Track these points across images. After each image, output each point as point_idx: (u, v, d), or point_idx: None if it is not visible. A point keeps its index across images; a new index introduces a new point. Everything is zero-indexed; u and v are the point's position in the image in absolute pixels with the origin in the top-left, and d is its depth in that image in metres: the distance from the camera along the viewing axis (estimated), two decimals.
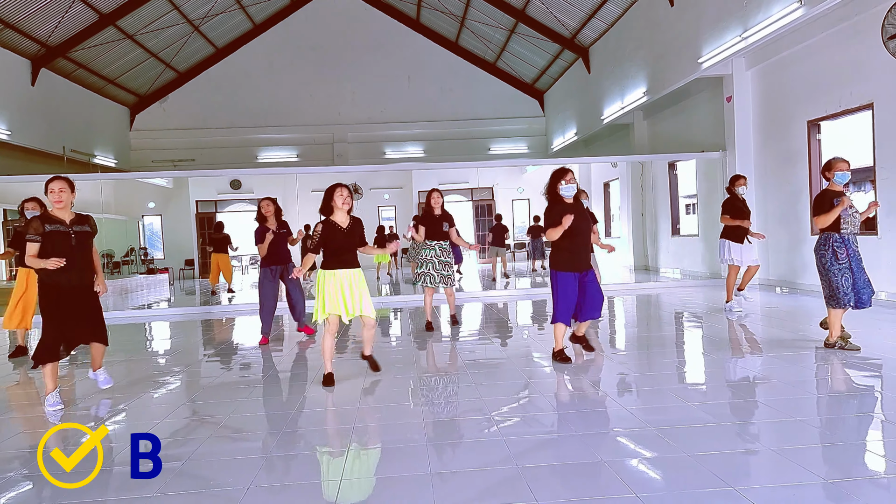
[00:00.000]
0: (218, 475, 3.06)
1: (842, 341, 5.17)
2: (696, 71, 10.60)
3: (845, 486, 2.62)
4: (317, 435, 3.73)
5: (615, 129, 15.82)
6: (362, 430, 3.68)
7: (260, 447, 3.42)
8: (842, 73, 8.52)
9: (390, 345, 6.68)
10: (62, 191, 4.28)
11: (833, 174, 5.21)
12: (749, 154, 10.74)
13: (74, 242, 4.30)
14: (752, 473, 2.87)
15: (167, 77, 19.02)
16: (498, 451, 3.19)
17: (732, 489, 2.61)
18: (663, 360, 5.35)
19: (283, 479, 2.99)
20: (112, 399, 4.60)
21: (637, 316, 8.19)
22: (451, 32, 19.25)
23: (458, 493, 2.75)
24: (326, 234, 4.67)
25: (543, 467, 2.99)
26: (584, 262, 4.99)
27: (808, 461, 2.89)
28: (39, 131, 14.65)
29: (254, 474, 3.01)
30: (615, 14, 13.51)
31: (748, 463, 2.98)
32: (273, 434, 3.65)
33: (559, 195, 4.96)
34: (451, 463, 3.09)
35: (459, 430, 3.63)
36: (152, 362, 6.35)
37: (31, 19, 13.22)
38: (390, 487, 2.86)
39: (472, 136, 20.18)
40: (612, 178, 16.78)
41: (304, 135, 19.94)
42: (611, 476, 2.81)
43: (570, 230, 4.83)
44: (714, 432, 3.35)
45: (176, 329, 8.60)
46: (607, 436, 3.41)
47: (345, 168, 17.68)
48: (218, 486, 2.93)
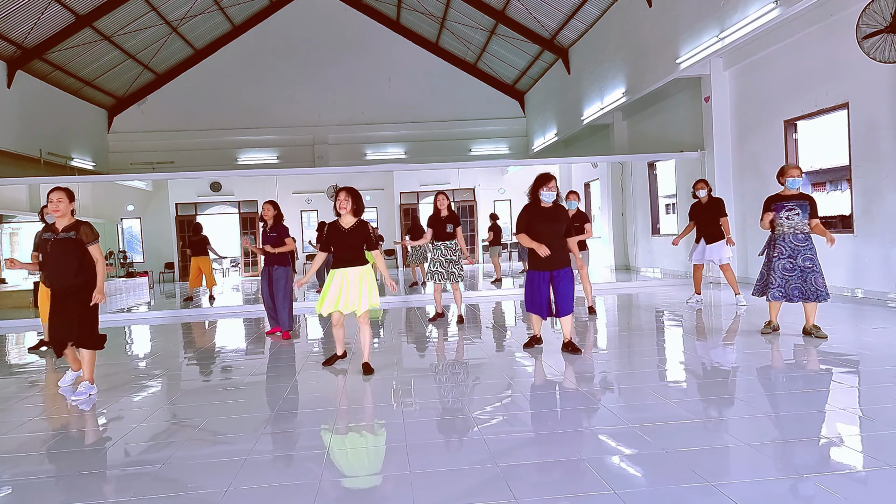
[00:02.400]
0: (197, 478, 3.03)
1: (767, 328, 5.81)
2: (675, 71, 10.72)
3: (821, 480, 2.66)
4: (297, 436, 3.71)
5: (595, 129, 15.95)
6: (343, 430, 3.67)
7: (238, 449, 3.39)
8: (818, 72, 8.66)
9: (377, 343, 6.67)
10: (59, 201, 4.62)
11: (785, 179, 5.68)
12: (727, 154, 10.88)
13: (50, 249, 4.59)
14: (731, 469, 2.90)
15: (146, 79, 18.82)
16: (479, 450, 3.20)
17: (710, 485, 2.64)
18: (642, 358, 5.40)
19: (263, 481, 2.96)
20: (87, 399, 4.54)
21: (617, 315, 8.26)
22: (431, 34, 19.28)
23: (439, 491, 2.75)
24: (330, 235, 5.13)
25: (523, 466, 3.00)
26: (556, 262, 5.22)
27: (783, 456, 2.94)
28: (16, 134, 14.41)
29: (233, 477, 2.98)
30: (594, 15, 13.62)
31: (726, 458, 3.02)
32: (252, 436, 3.62)
33: (538, 198, 5.28)
34: (431, 463, 3.09)
35: (441, 430, 3.63)
36: (129, 366, 6.27)
37: (6, 21, 13.01)
38: (371, 487, 2.84)
39: (453, 138, 20.23)
40: (593, 178, 16.91)
41: (284, 136, 19.85)
42: (590, 474, 2.82)
43: (540, 233, 5.21)
44: (691, 428, 3.39)
45: (155, 332, 8.50)
46: (585, 434, 3.43)
47: (325, 169, 17.65)
48: (197, 488, 2.90)
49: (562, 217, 5.30)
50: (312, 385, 4.89)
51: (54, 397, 4.85)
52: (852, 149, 8.19)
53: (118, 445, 3.60)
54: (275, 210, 6.97)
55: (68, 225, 4.64)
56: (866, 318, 6.63)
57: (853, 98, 8.09)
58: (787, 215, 5.59)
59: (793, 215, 5.57)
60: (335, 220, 5.20)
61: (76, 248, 4.59)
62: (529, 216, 5.30)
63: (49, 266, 4.65)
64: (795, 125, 9.48)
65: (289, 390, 4.72)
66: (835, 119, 8.73)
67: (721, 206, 7.98)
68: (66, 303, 4.57)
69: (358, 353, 5.51)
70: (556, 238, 5.25)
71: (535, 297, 5.31)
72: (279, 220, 6.98)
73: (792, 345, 5.39)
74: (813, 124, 9.39)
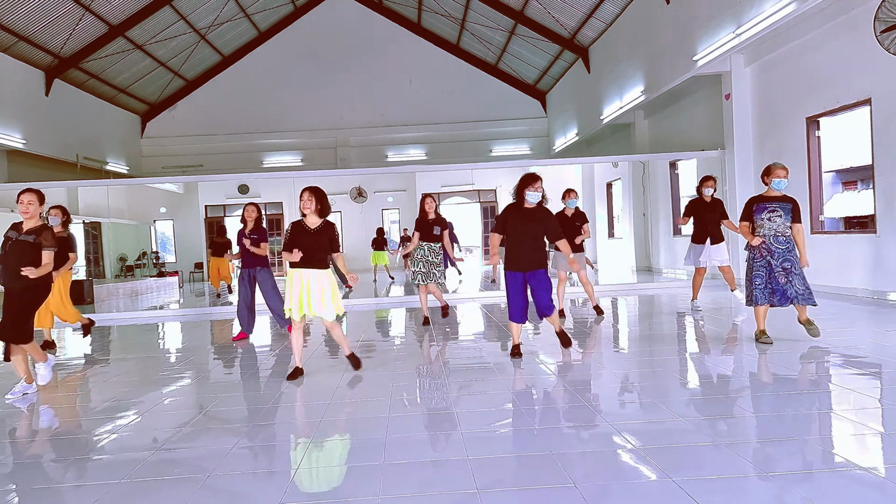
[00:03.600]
0: (201, 463, 3.21)
1: (760, 334, 5.47)
2: (692, 69, 10.63)
3: (799, 477, 2.70)
4: (285, 427, 3.88)
5: (617, 128, 15.86)
6: (330, 424, 3.80)
7: (234, 439, 3.56)
8: (840, 68, 8.48)
9: (391, 343, 6.83)
10: (30, 203, 4.72)
11: (770, 180, 5.47)
12: (748, 152, 10.74)
13: (8, 248, 4.67)
14: (700, 466, 2.95)
15: (176, 85, 19.38)
16: (456, 446, 3.30)
17: (671, 480, 2.69)
18: (642, 359, 5.42)
19: (252, 468, 3.13)
20: (115, 395, 4.79)
21: (631, 317, 8.25)
22: (451, 35, 19.41)
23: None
24: (294, 235, 4.92)
25: (494, 459, 3.08)
26: (528, 263, 5.15)
27: (757, 454, 2.98)
28: (54, 140, 15.01)
29: (226, 462, 3.17)
30: (613, 13, 13.57)
31: (697, 455, 3.06)
32: (246, 426, 3.80)
33: (523, 198, 5.17)
34: (409, 454, 3.20)
35: (425, 426, 3.74)
36: (148, 361, 6.53)
37: (43, 32, 13.58)
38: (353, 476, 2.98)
39: (475, 138, 20.31)
40: (614, 178, 16.81)
41: (307, 139, 20.20)
42: (557, 468, 2.89)
43: (513, 232, 5.16)
44: (692, 441, 3.43)
45: (186, 329, 8.82)
46: (559, 430, 3.49)
47: (348, 171, 17.92)
48: (199, 471, 3.08)
49: (541, 218, 5.16)
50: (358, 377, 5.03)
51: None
52: (875, 146, 8.03)
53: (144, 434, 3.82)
54: (257, 213, 6.99)
55: (33, 228, 4.70)
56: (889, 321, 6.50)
57: (875, 94, 7.92)
58: (769, 216, 5.39)
59: (775, 217, 5.37)
60: (300, 220, 5.01)
61: (32, 252, 4.63)
62: (507, 216, 5.20)
63: (5, 264, 4.65)
64: (818, 122, 9.32)
65: (285, 384, 4.88)
66: (857, 116, 8.56)
67: (724, 207, 7.74)
68: (8, 300, 4.65)
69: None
70: (530, 239, 5.15)
71: (513, 299, 5.21)
72: (259, 223, 7.00)
73: (799, 352, 5.33)
74: (837, 121, 9.21)
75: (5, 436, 3.88)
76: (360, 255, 19.36)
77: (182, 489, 2.86)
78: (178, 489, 2.86)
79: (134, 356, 6.77)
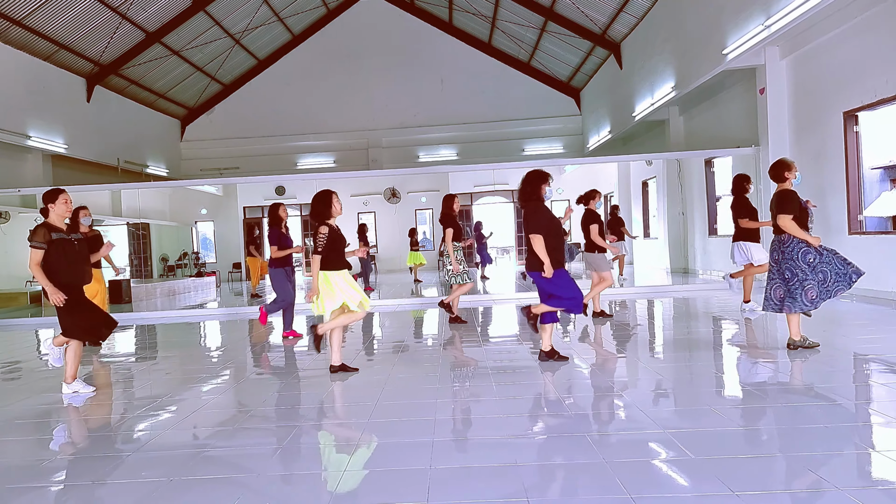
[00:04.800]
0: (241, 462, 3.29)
1: (804, 339, 5.17)
2: (722, 63, 10.16)
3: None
4: (328, 428, 3.94)
5: (651, 125, 15.37)
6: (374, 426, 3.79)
7: (274, 438, 3.63)
8: (878, 59, 7.95)
9: (422, 343, 6.84)
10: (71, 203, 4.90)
11: (794, 174, 5.25)
12: (784, 149, 10.17)
13: (71, 249, 4.79)
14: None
15: (213, 89, 19.86)
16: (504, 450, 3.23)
17: (629, 496, 2.50)
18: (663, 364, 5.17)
19: (289, 468, 3.19)
20: (159, 392, 4.94)
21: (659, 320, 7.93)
22: (483, 34, 19.22)
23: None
24: (334, 236, 5.07)
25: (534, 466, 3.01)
26: (529, 263, 5.08)
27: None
28: (95, 144, 15.60)
29: (266, 462, 3.23)
30: (644, 7, 13.13)
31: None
32: (288, 425, 3.87)
33: (542, 197, 5.02)
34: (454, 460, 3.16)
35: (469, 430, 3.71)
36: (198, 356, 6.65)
37: (83, 40, 14.11)
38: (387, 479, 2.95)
39: (506, 138, 20.05)
40: (650, 176, 16.29)
41: (340, 141, 20.38)
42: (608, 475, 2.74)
43: (552, 230, 4.98)
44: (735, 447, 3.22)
45: (224, 328, 9.08)
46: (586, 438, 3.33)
47: (381, 172, 17.97)
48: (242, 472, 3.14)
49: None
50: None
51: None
52: None
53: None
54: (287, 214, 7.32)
55: (71, 227, 5.04)
56: None
57: None
58: (811, 211, 5.28)
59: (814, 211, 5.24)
60: (330, 223, 5.16)
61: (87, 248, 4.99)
62: (547, 213, 5.02)
63: (77, 264, 4.83)
64: (856, 117, 8.75)
65: (331, 383, 4.85)
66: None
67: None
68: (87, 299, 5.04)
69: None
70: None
71: (564, 291, 5.04)
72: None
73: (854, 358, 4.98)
74: (882, 115, 8.61)
75: (51, 431, 4.08)
76: (395, 255, 19.47)
77: (220, 490, 2.91)
78: (217, 489, 2.92)
79: (174, 354, 6.97)
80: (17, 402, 4.81)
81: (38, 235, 4.59)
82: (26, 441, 3.90)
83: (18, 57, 12.94)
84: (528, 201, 5.04)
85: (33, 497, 2.95)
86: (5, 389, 5.44)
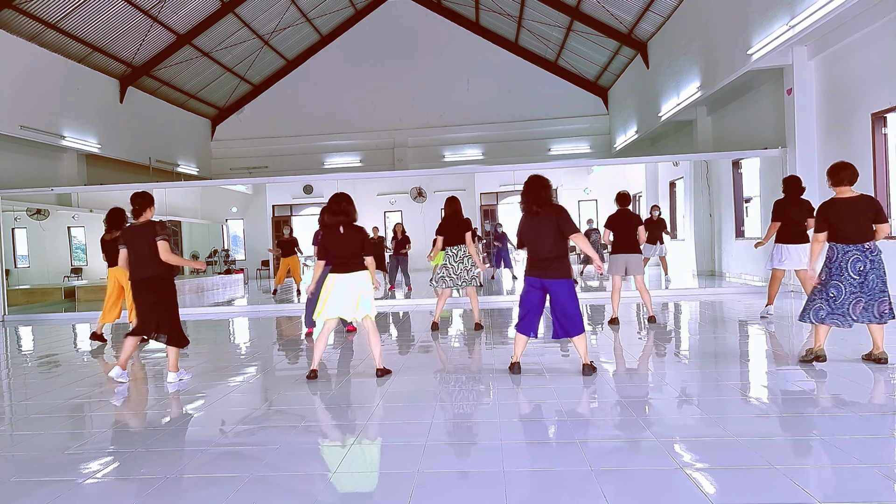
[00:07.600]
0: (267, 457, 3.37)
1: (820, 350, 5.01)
2: (747, 63, 9.88)
3: None
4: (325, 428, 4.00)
5: (679, 125, 15.07)
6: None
7: (266, 438, 3.71)
8: None
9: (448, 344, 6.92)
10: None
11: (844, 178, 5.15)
12: (812, 151, 9.87)
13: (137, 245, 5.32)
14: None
15: (243, 89, 20.21)
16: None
17: None
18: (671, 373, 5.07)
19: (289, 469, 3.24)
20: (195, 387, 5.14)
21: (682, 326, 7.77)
22: (509, 33, 19.09)
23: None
24: (327, 240, 5.27)
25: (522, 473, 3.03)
26: (553, 270, 4.84)
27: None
28: (127, 144, 16.04)
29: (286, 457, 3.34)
30: (670, 6, 12.85)
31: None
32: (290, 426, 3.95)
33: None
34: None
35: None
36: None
37: (116, 42, 14.51)
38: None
39: (532, 137, 19.88)
40: (677, 176, 15.98)
41: (366, 140, 20.51)
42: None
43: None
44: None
45: (253, 325, 9.33)
46: (573, 445, 3.30)
47: (407, 172, 18.03)
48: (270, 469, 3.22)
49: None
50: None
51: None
52: None
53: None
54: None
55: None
56: None
57: None
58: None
59: None
60: (332, 226, 5.20)
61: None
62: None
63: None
64: (885, 119, 8.42)
65: (334, 385, 4.93)
66: None
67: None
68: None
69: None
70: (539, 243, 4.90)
71: (522, 305, 4.96)
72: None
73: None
74: None
75: (88, 423, 4.27)
76: (421, 255, 19.49)
77: (238, 483, 3.00)
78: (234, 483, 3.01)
79: (205, 350, 7.17)
80: (56, 392, 5.10)
81: (166, 229, 5.18)
82: (58, 434, 4.04)
83: (53, 59, 13.39)
84: (547, 205, 4.89)
85: (56, 487, 3.07)
86: (43, 382, 5.68)
